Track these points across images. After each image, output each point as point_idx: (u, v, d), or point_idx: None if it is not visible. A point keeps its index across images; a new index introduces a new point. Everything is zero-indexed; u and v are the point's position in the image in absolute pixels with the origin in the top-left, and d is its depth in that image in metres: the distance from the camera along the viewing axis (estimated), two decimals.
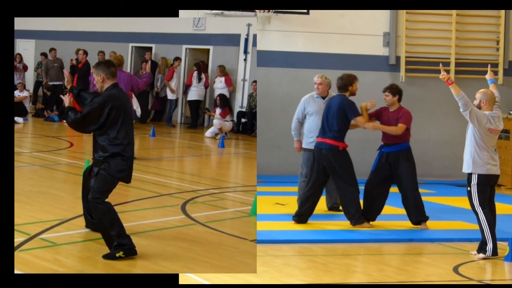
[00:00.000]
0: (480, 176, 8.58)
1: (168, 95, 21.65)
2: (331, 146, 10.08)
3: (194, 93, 21.14)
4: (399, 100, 10.32)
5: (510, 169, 14.55)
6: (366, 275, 7.77)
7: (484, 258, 8.56)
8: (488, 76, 9.31)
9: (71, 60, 21.93)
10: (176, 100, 21.77)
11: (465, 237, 9.50)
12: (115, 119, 7.34)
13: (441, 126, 15.75)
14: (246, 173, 14.01)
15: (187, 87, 21.49)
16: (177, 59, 21.70)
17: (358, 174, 10.27)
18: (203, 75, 21.12)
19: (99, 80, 7.45)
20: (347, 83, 10.22)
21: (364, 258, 8.64)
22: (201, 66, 21.24)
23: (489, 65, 9.58)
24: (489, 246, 8.56)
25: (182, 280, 6.74)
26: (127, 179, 7.57)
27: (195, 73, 21.29)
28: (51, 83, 22.59)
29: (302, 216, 10.19)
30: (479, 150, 8.58)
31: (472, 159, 8.60)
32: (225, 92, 20.39)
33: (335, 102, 10.18)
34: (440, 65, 9.04)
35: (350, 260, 8.52)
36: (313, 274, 7.81)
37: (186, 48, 22.51)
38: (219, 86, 20.68)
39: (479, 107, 8.66)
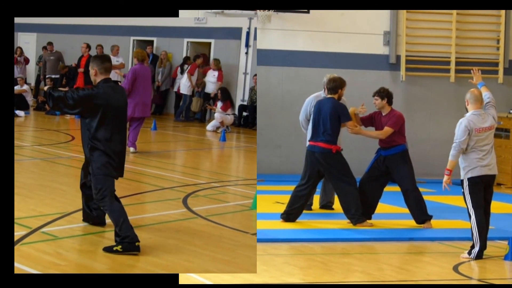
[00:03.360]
0: (470, 179, 8.56)
1: (182, 89, 21.23)
2: (324, 149, 10.02)
3: (182, 86, 21.28)
4: (389, 103, 10.30)
5: (510, 168, 14.52)
6: (366, 274, 7.77)
7: (468, 259, 8.54)
8: (476, 81, 9.21)
9: (73, 64, 22.14)
10: (190, 96, 21.33)
11: (465, 236, 9.45)
12: (101, 116, 7.41)
13: (441, 125, 15.74)
14: (247, 167, 14.01)
15: (173, 80, 21.84)
16: (201, 55, 21.43)
17: (357, 174, 10.26)
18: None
19: (92, 73, 7.68)
20: (338, 85, 10.18)
21: (364, 257, 8.64)
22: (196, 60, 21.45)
23: (473, 69, 9.31)
24: (475, 249, 8.53)
25: (182, 280, 6.75)
26: (114, 174, 7.56)
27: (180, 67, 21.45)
28: (47, 76, 22.63)
29: (291, 214, 10.14)
30: (468, 153, 8.57)
31: (461, 164, 8.61)
32: (214, 87, 20.47)
33: (327, 104, 10.10)
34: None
35: (350, 259, 8.51)
36: (313, 273, 7.81)
37: (187, 42, 22.50)
38: (211, 80, 20.70)
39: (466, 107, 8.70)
